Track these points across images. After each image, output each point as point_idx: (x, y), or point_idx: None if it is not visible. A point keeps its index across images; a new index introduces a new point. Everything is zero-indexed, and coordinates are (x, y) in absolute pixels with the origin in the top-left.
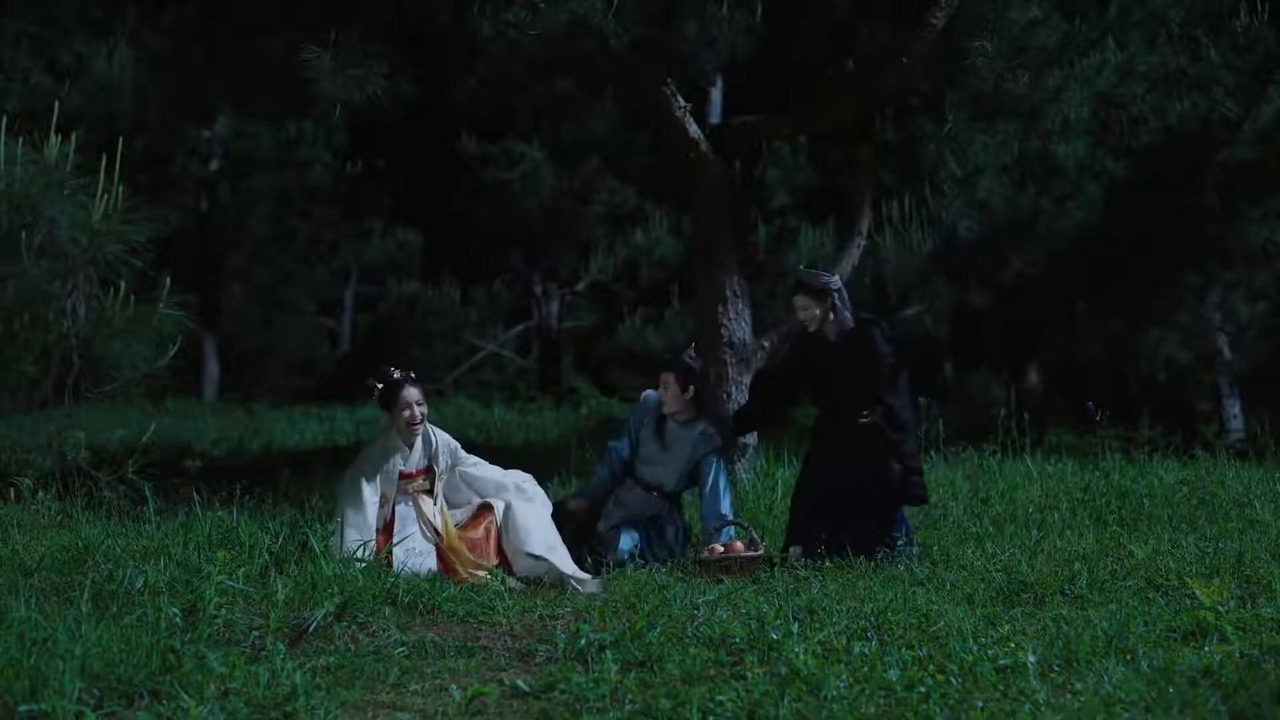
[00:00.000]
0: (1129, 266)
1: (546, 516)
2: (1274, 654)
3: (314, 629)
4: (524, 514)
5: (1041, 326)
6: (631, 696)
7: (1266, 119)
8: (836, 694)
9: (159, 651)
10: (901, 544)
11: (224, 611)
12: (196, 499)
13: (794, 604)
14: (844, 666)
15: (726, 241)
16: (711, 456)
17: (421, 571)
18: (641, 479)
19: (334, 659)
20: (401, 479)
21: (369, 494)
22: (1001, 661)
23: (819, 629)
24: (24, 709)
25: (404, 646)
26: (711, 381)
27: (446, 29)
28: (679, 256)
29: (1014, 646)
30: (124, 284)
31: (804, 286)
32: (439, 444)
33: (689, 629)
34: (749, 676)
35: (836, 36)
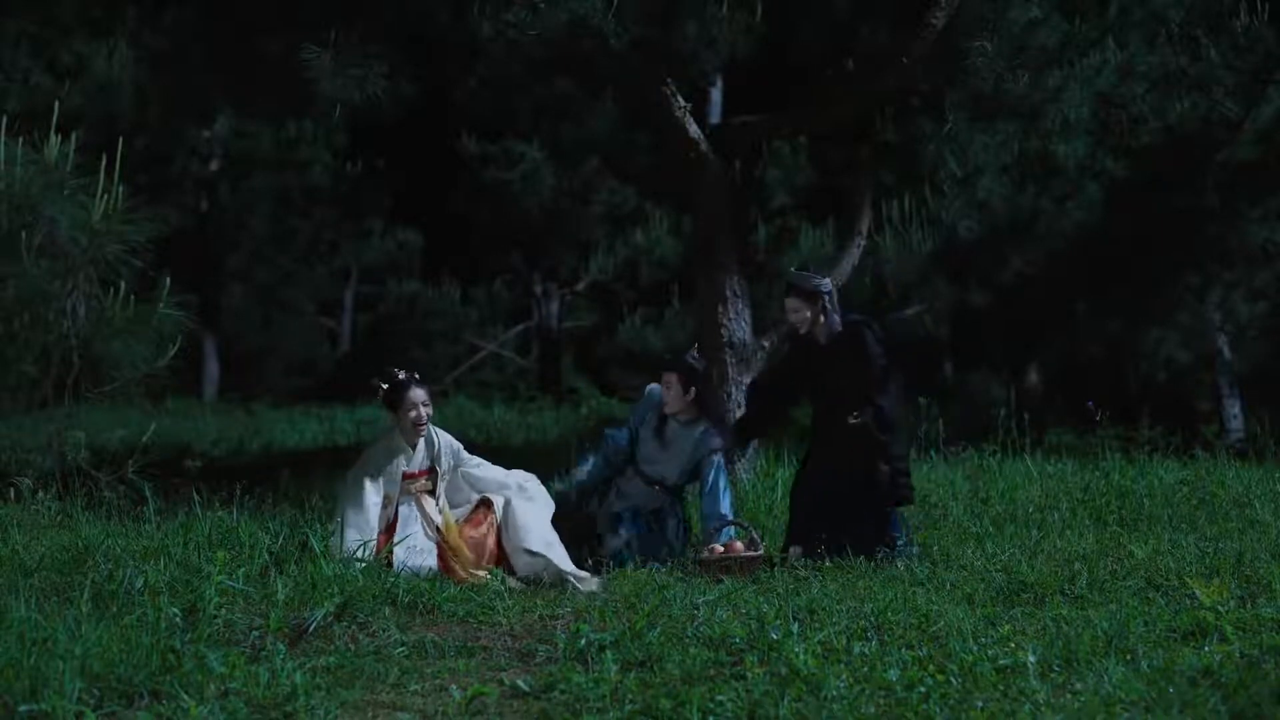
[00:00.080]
0: (1129, 266)
1: (547, 515)
2: (1274, 654)
3: (314, 629)
4: (523, 511)
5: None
6: (631, 696)
7: (1266, 119)
8: (836, 694)
9: (159, 651)
10: (901, 544)
11: (224, 611)
12: (196, 499)
13: (794, 604)
14: (844, 666)
15: (726, 241)
16: (712, 456)
17: (422, 570)
18: (643, 472)
19: (334, 659)
20: (404, 479)
21: (371, 494)
22: (1001, 661)
23: (819, 629)
24: (24, 709)
25: (404, 646)
26: (714, 382)
27: (446, 29)
28: (679, 256)
29: (1014, 646)
30: (124, 284)
31: (794, 288)
32: (441, 445)
33: (689, 629)
34: (749, 676)
35: (836, 36)
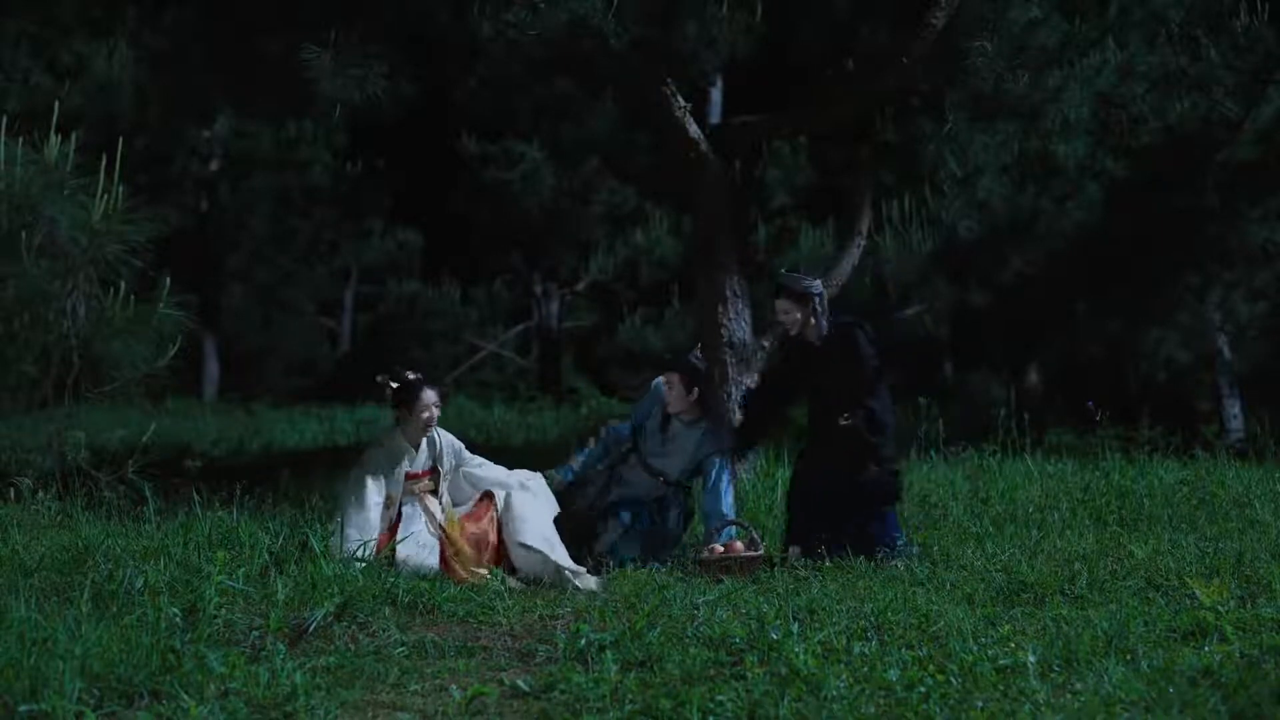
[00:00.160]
0: (1129, 266)
1: (548, 513)
2: (1274, 654)
3: (314, 629)
4: (523, 505)
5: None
6: (631, 696)
7: (1266, 119)
8: (836, 694)
9: (159, 651)
10: (901, 544)
11: (224, 611)
12: (196, 499)
13: (794, 604)
14: (844, 666)
15: (726, 241)
16: (714, 456)
17: (424, 569)
18: (647, 464)
19: (334, 659)
20: (407, 479)
21: (373, 494)
22: (1001, 661)
23: (819, 629)
24: (24, 709)
25: (404, 646)
26: (716, 383)
27: (446, 29)
28: (679, 256)
29: (1014, 646)
30: (124, 284)
31: (785, 290)
32: (443, 444)
33: (689, 629)
34: (749, 676)
35: (836, 36)
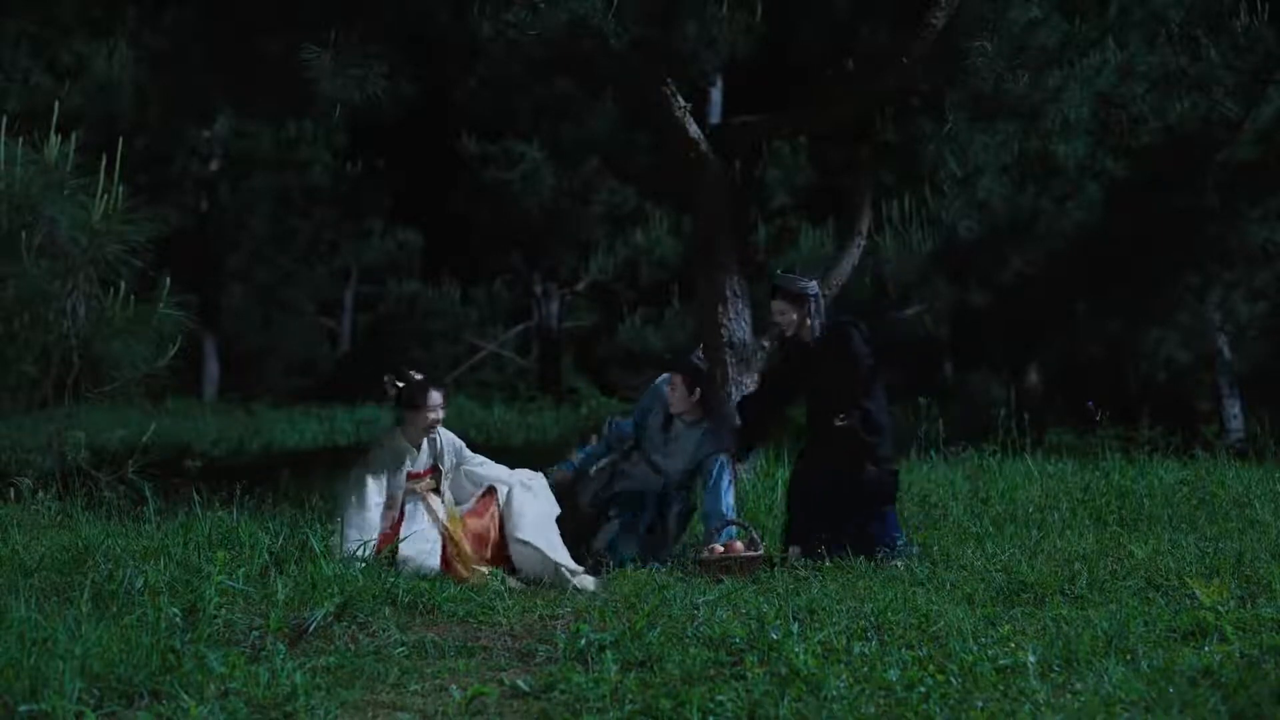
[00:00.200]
0: (1129, 266)
1: (548, 511)
2: (1274, 654)
3: (314, 629)
4: (523, 501)
5: (1041, 326)
6: (631, 696)
7: (1266, 119)
8: (836, 694)
9: (159, 651)
10: (901, 544)
11: (224, 611)
12: (196, 499)
13: (794, 604)
14: (844, 666)
15: (726, 241)
16: (716, 456)
17: (425, 568)
18: (650, 459)
19: (334, 659)
20: (409, 479)
21: (374, 494)
22: (1001, 661)
23: (819, 629)
24: (24, 709)
25: (404, 646)
26: (718, 383)
27: (446, 29)
28: (679, 256)
29: (1014, 646)
30: (124, 284)
31: (781, 291)
32: (444, 442)
33: (689, 629)
34: (749, 676)
35: (836, 36)
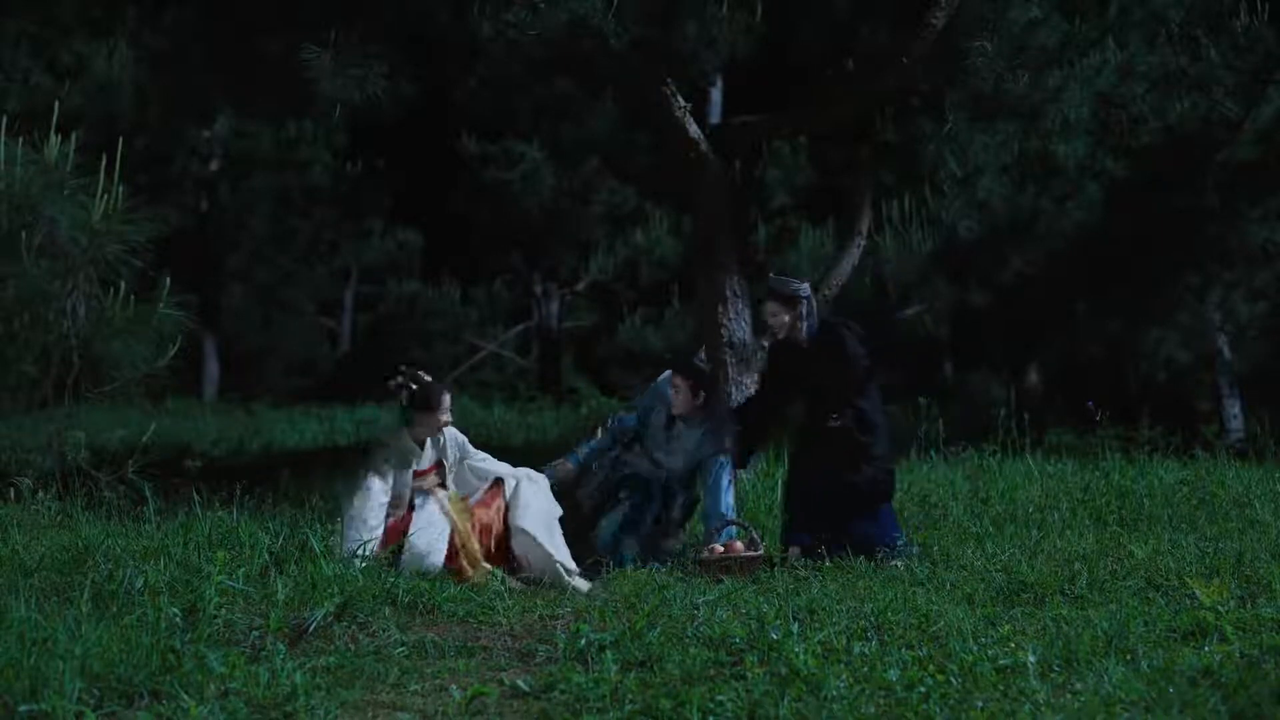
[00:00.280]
0: (1129, 266)
1: (551, 509)
2: (1274, 654)
3: (314, 629)
4: (527, 492)
5: (1041, 326)
6: (631, 696)
7: (1266, 119)
8: (836, 694)
9: (159, 651)
10: (901, 544)
11: (224, 611)
12: (196, 499)
13: (794, 604)
14: (844, 666)
15: (726, 241)
16: (716, 456)
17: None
18: (652, 456)
19: (334, 659)
20: (415, 477)
21: (379, 494)
22: (1001, 661)
23: (819, 629)
24: (24, 709)
25: (404, 646)
26: (720, 385)
27: (446, 29)
28: (679, 256)
29: (1014, 646)
30: (124, 284)
31: (773, 293)
32: (447, 438)
33: (689, 629)
34: (749, 676)
35: (836, 36)
